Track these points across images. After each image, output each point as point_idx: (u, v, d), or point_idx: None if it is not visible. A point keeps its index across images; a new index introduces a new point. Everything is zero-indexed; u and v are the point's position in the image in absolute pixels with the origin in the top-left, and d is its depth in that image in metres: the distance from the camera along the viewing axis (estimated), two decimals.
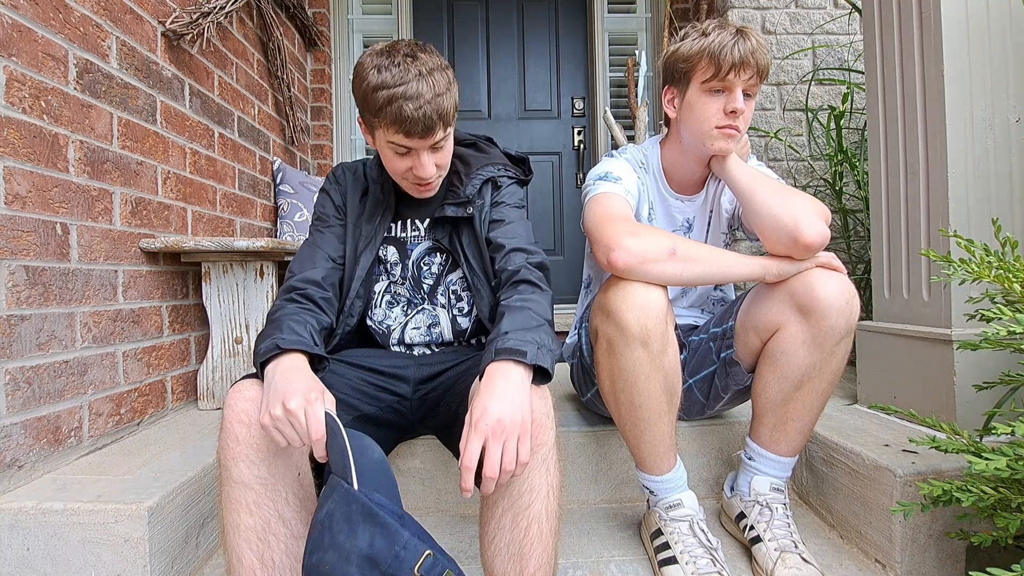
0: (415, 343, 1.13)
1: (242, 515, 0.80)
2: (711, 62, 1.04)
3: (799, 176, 2.32)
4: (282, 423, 0.76)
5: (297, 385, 0.78)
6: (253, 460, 0.81)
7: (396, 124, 0.91)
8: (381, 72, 0.91)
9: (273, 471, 0.82)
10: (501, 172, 1.12)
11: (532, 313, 0.90)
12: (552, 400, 0.86)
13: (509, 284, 0.99)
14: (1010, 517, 0.79)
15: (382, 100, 0.90)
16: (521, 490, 0.80)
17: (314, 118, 2.78)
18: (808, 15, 2.35)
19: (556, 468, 0.83)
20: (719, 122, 1.08)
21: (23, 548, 0.93)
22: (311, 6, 2.72)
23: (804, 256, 0.99)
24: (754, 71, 1.04)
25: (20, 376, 1.03)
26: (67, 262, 1.15)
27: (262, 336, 0.89)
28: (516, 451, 0.74)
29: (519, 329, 0.86)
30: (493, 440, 0.73)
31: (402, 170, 0.99)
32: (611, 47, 2.94)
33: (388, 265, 1.13)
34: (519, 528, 0.80)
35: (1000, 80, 1.19)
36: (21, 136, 1.05)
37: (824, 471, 1.22)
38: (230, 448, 0.81)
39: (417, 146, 0.95)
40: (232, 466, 0.81)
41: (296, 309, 0.96)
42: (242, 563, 0.79)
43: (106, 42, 1.29)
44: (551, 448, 0.82)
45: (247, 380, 0.87)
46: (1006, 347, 0.89)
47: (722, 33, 1.04)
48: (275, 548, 0.81)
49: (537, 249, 1.05)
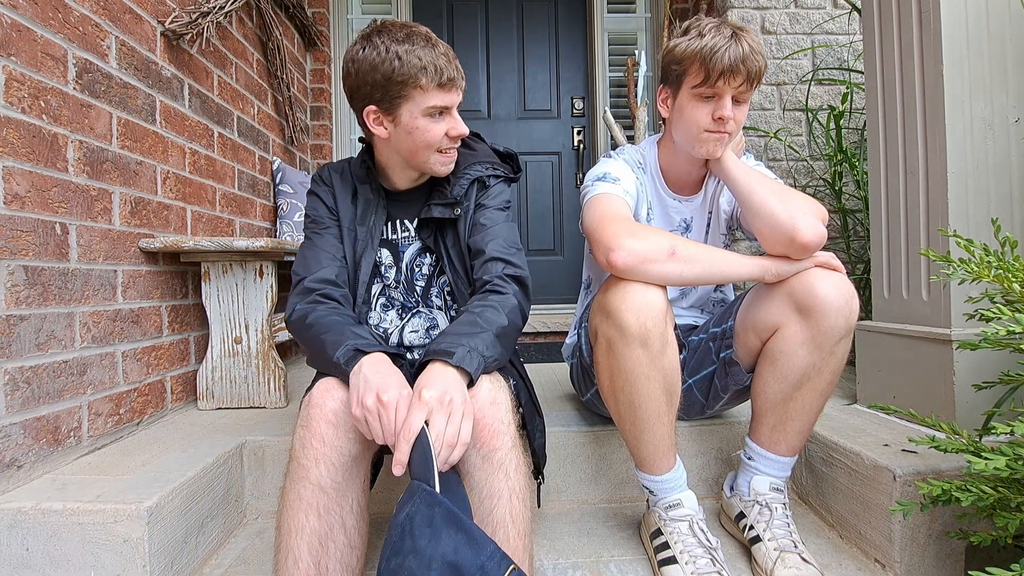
0: (415, 345, 1.13)
1: (310, 518, 0.79)
2: (701, 68, 1.03)
3: (799, 176, 2.32)
4: (373, 415, 0.75)
5: (391, 380, 0.79)
6: (335, 464, 0.80)
7: (436, 79, 0.92)
8: (395, 45, 0.92)
9: (348, 477, 0.82)
10: (489, 171, 1.10)
11: (478, 319, 0.90)
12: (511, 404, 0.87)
13: (480, 293, 0.99)
14: (1009, 517, 0.79)
15: (419, 61, 0.91)
16: (481, 496, 0.81)
17: (314, 118, 2.78)
18: (808, 15, 2.35)
19: (517, 471, 0.83)
20: (707, 127, 1.08)
21: (22, 548, 0.93)
22: (311, 6, 2.72)
23: (801, 256, 0.99)
24: (744, 79, 1.03)
25: (19, 376, 1.03)
26: (66, 262, 1.15)
27: (323, 343, 0.87)
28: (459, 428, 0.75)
29: (457, 333, 0.87)
30: (438, 412, 0.74)
31: (439, 137, 0.98)
32: (611, 47, 2.94)
33: (382, 268, 1.12)
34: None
35: (999, 80, 1.19)
36: (20, 136, 1.05)
37: (824, 471, 1.22)
38: (314, 448, 0.80)
39: (451, 102, 0.97)
40: (312, 467, 0.80)
41: (329, 310, 0.95)
42: (298, 566, 0.78)
43: (105, 42, 1.29)
44: (508, 452, 0.82)
45: (333, 379, 0.86)
46: (1005, 347, 0.89)
47: (716, 37, 1.03)
48: (332, 555, 0.80)
49: (518, 260, 1.03)
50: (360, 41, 0.96)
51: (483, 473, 0.81)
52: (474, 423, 0.80)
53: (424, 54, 0.92)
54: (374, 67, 0.93)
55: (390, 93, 0.94)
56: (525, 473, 0.85)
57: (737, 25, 1.06)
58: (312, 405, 0.83)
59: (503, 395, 0.86)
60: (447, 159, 1.03)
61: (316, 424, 0.81)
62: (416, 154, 1.01)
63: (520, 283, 1.01)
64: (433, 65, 0.92)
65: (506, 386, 0.89)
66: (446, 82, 0.94)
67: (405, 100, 0.95)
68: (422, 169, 1.05)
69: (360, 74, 0.94)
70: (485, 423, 0.82)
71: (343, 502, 0.81)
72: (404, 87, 0.93)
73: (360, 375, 0.80)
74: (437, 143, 1.00)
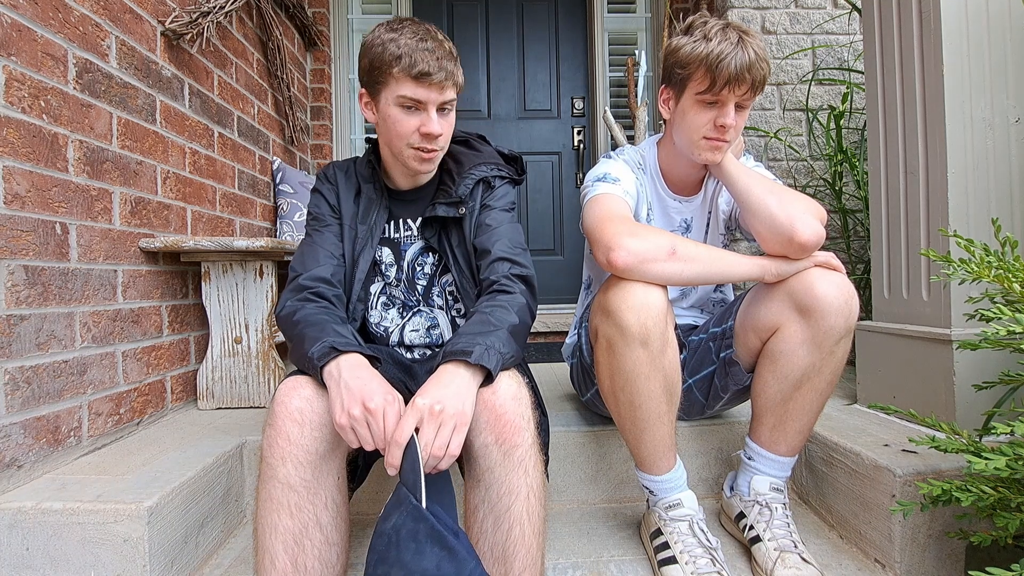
0: (415, 344, 1.13)
1: (282, 516, 0.79)
2: (707, 75, 1.02)
3: (799, 176, 2.32)
4: (360, 424, 0.75)
5: (374, 385, 0.78)
6: (302, 462, 0.80)
7: (408, 70, 0.93)
8: (393, 32, 0.95)
9: (318, 475, 0.81)
10: (494, 172, 1.11)
11: (490, 318, 0.91)
12: (531, 401, 0.86)
13: (487, 293, 0.99)
14: (1009, 517, 0.79)
15: (397, 50, 0.93)
16: (500, 493, 0.81)
17: (314, 118, 2.78)
18: (808, 15, 2.35)
19: (535, 469, 0.83)
20: (708, 133, 1.07)
21: (22, 548, 0.93)
22: (311, 6, 2.72)
23: (800, 256, 0.99)
24: (749, 87, 1.02)
25: (19, 376, 1.03)
26: (66, 262, 1.15)
27: (303, 338, 0.88)
28: (449, 440, 0.75)
29: (471, 333, 0.87)
30: (428, 422, 0.74)
31: (409, 131, 0.98)
32: (611, 47, 2.94)
33: (383, 267, 1.12)
34: (501, 531, 0.80)
35: (999, 80, 1.19)
36: (20, 136, 1.05)
37: (824, 471, 1.22)
38: (280, 447, 0.80)
39: (427, 99, 0.96)
40: (279, 466, 0.79)
41: (317, 308, 0.95)
42: (275, 565, 0.78)
43: (105, 42, 1.29)
44: (527, 449, 0.82)
45: (301, 377, 0.86)
46: (1006, 347, 0.89)
47: (723, 43, 1.01)
48: (309, 553, 0.80)
49: (524, 259, 1.04)
50: (373, 29, 1.00)
51: (503, 470, 0.81)
52: (496, 418, 0.80)
53: (405, 43, 0.94)
54: (367, 51, 0.98)
55: (373, 77, 0.98)
56: (542, 471, 0.85)
57: (742, 28, 1.04)
58: (277, 403, 0.82)
59: (524, 391, 0.86)
60: (423, 158, 1.01)
61: (281, 422, 0.80)
62: (392, 144, 1.02)
63: (527, 282, 1.02)
64: (410, 56, 0.93)
65: (525, 383, 0.89)
66: (419, 75, 0.94)
67: (383, 86, 0.97)
68: (403, 164, 1.04)
69: (360, 57, 1.00)
70: (507, 419, 0.81)
71: (316, 500, 0.81)
72: (381, 73, 0.96)
73: (340, 382, 0.80)
74: (407, 137, 0.99)
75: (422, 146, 0.99)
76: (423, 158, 1.01)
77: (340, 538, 0.84)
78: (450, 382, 0.79)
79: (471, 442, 0.82)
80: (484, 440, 0.81)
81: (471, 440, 0.82)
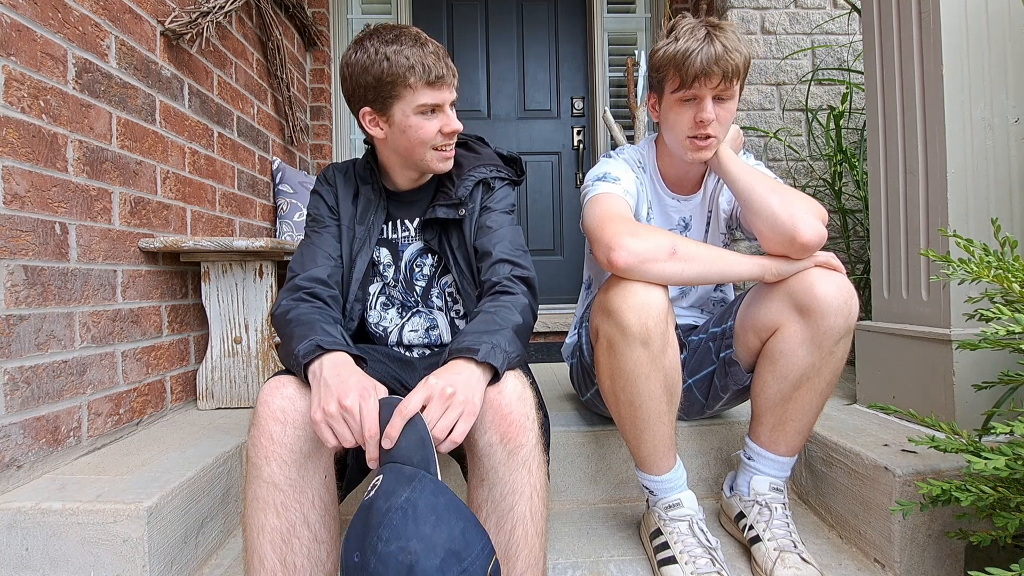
0: (414, 344, 1.13)
1: (268, 516, 0.79)
2: (676, 73, 1.04)
3: (798, 176, 2.32)
4: (336, 420, 0.75)
5: (351, 382, 0.78)
6: (286, 460, 0.80)
7: (425, 78, 0.94)
8: (392, 44, 0.94)
9: (303, 473, 0.81)
10: (494, 173, 1.11)
11: (495, 318, 0.91)
12: (535, 401, 0.86)
13: (489, 294, 1.00)
14: (1009, 516, 0.79)
15: (407, 61, 0.93)
16: (503, 492, 0.81)
17: (313, 118, 2.78)
18: (808, 15, 2.35)
19: (539, 469, 0.83)
20: (690, 132, 1.08)
21: (22, 548, 0.93)
22: (310, 6, 2.71)
23: (801, 256, 0.99)
24: (720, 78, 1.02)
25: (19, 376, 1.03)
26: (66, 262, 1.15)
27: (292, 336, 0.88)
28: (453, 425, 0.75)
29: (476, 332, 0.87)
30: (437, 401, 0.74)
31: (432, 135, 1.00)
32: (611, 47, 2.94)
33: (381, 267, 1.12)
34: (504, 531, 0.80)
35: (999, 80, 1.19)
36: (20, 136, 1.05)
37: (823, 471, 1.22)
38: (263, 446, 0.80)
39: (443, 100, 0.98)
40: (264, 465, 0.80)
41: (311, 308, 0.95)
42: (264, 565, 0.78)
43: (105, 41, 1.28)
44: (531, 449, 0.82)
45: (284, 376, 0.86)
46: (1005, 347, 0.89)
47: (690, 40, 1.02)
48: (298, 551, 0.80)
49: (525, 261, 1.04)
50: (353, 46, 0.98)
51: (507, 469, 0.81)
52: (502, 418, 0.80)
53: (412, 53, 0.94)
54: (365, 69, 0.95)
55: (382, 94, 0.97)
56: (545, 471, 0.85)
57: (715, 23, 1.05)
58: (260, 403, 0.82)
59: (529, 391, 0.86)
60: (444, 156, 1.04)
61: (264, 422, 0.81)
62: (412, 152, 1.02)
63: (528, 284, 1.02)
64: (421, 64, 0.94)
65: (530, 383, 0.89)
66: (435, 80, 0.95)
67: (396, 100, 0.97)
68: (421, 167, 1.06)
69: (353, 77, 0.98)
70: (513, 418, 0.81)
71: (302, 498, 0.81)
72: (394, 87, 0.95)
73: (320, 379, 0.80)
74: (431, 140, 1.01)
75: (445, 144, 1.02)
76: (446, 156, 1.05)
77: (329, 536, 0.84)
78: (462, 371, 0.79)
79: (475, 441, 0.82)
80: (489, 439, 0.81)
81: (475, 439, 0.82)
